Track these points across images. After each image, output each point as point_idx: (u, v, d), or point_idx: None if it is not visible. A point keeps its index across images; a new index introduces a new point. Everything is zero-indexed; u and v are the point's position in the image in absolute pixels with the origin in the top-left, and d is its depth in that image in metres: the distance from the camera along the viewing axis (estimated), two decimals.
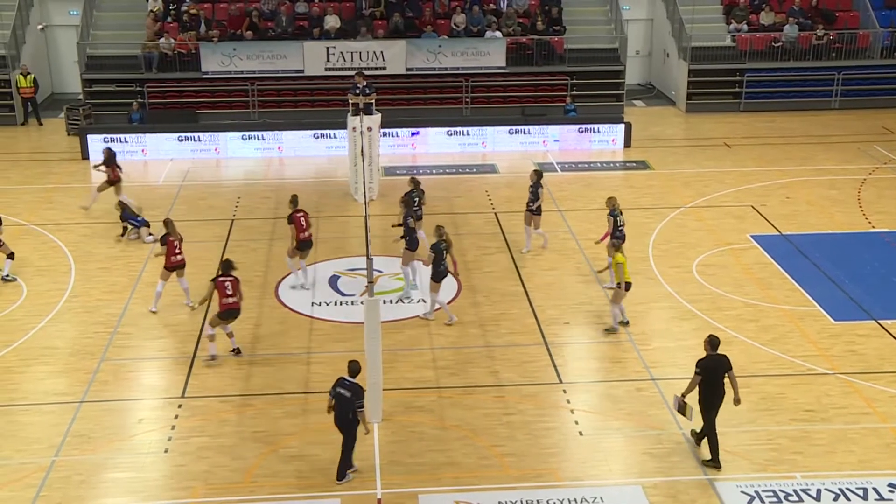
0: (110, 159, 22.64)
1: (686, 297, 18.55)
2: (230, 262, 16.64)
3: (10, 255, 19.33)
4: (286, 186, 24.50)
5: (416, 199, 19.80)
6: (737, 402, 13.47)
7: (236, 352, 16.53)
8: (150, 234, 20.94)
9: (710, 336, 13.61)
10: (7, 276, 19.24)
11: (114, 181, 22.56)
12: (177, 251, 18.03)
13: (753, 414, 14.82)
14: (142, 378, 16.14)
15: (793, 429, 14.45)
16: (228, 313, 16.38)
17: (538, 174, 20.52)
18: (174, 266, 18.04)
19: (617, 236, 18.45)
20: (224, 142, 27.30)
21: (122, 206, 21.51)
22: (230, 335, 16.52)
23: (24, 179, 24.99)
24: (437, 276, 17.43)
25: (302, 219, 18.72)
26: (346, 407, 13.04)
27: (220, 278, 16.37)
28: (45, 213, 22.57)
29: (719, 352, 13.47)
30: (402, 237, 18.74)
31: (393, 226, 19.48)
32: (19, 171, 25.86)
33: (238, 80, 29.77)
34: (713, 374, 13.28)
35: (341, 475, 13.27)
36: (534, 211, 20.38)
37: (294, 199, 19.15)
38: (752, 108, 31.59)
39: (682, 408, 13.68)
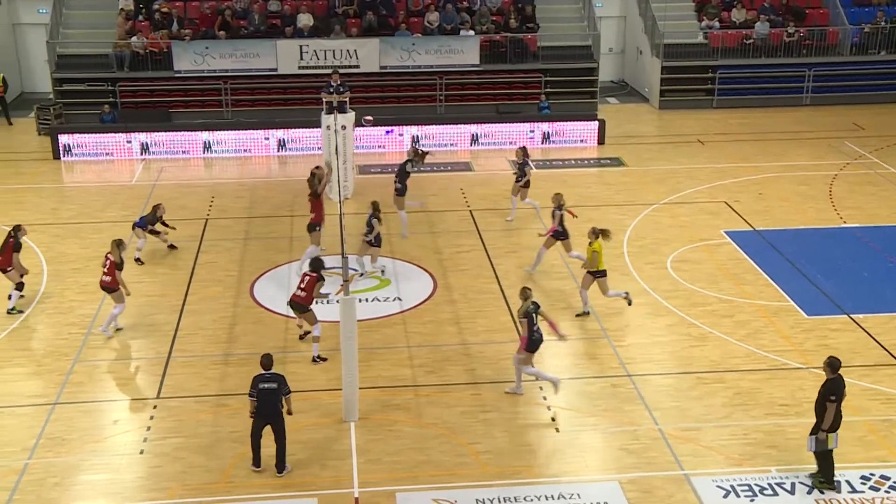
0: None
1: (661, 294, 18.64)
2: None
3: (19, 286, 18.05)
4: (259, 185, 24.40)
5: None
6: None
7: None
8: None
9: (831, 358, 12.93)
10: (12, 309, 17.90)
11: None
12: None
13: (729, 409, 14.92)
14: (117, 379, 16.02)
15: (768, 423, 14.56)
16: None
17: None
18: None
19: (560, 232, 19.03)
20: (198, 141, 27.13)
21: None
22: None
23: None
24: (532, 346, 15.00)
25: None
26: (275, 399, 13.12)
27: None
28: (15, 213, 22.30)
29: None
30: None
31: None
32: None
33: (211, 79, 29.61)
34: (840, 397, 12.88)
35: (283, 466, 13.29)
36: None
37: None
38: (724, 104, 31.78)
39: (823, 443, 12.92)
